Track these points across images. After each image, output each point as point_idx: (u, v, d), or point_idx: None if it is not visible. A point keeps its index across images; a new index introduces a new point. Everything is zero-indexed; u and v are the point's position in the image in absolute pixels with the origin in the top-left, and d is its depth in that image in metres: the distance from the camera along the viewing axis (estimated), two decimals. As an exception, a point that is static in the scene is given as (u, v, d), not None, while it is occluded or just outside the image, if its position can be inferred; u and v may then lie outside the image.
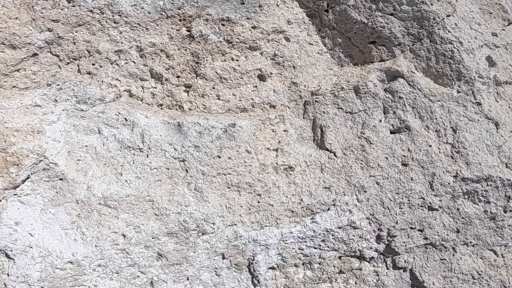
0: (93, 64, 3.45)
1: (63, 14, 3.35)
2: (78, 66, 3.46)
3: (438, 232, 3.65)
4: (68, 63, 3.43)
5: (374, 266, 3.69)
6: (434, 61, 3.68)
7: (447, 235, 3.67)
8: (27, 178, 3.03)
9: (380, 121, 3.69)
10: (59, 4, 3.34)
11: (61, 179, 3.08)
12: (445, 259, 3.72)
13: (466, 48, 3.64)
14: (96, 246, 3.01)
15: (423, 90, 3.68)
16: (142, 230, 3.11)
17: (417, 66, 3.76)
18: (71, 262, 2.97)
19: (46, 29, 3.35)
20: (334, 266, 3.61)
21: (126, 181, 3.13)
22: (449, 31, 3.63)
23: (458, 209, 3.66)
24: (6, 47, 3.28)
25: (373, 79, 3.69)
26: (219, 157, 3.30)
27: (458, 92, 3.67)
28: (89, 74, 3.43)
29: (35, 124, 3.10)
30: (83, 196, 3.07)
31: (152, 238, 3.12)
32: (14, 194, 2.97)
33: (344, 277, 3.65)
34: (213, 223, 3.22)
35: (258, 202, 3.40)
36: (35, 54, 3.39)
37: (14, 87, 3.32)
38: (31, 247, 2.91)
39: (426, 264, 3.72)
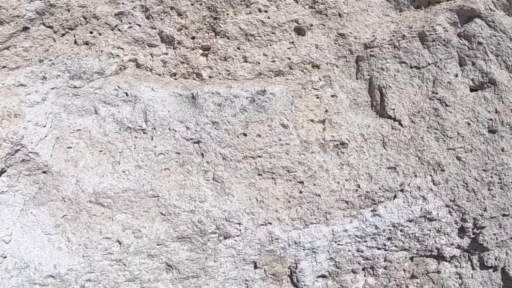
0: (91, 32, 2.45)
1: (50, -26, 2.32)
2: (74, 36, 2.47)
3: (541, 218, 2.28)
4: (63, 35, 2.44)
5: (456, 267, 2.53)
6: (522, -10, 2.31)
7: (556, 221, 2.27)
8: (2, 172, 2.03)
9: (456, 75, 2.48)
10: (43, -39, 2.32)
11: (44, 172, 2.09)
12: (550, 252, 2.33)
13: None
14: (83, 256, 1.97)
15: (508, 31, 2.45)
16: (144, 234, 2.01)
17: (496, 2, 2.50)
18: (52, 276, 1.97)
19: (34, -5, 2.35)
20: (404, 270, 2.37)
21: (124, 171, 2.05)
22: None
23: None
24: (-9, 22, 2.32)
25: (442, 22, 2.47)
26: (245, 135, 2.14)
27: None
28: (87, 44, 2.38)
29: (13, 107, 2.11)
30: (71, 193, 2.01)
31: (158, 244, 2.02)
32: (-15, 193, 1.98)
33: (417, 283, 2.41)
34: (239, 223, 2.06)
35: (300, 192, 2.19)
36: (25, 28, 2.49)
37: (4, 67, 2.41)
38: (5, 257, 1.98)
39: (523, 260, 2.36)
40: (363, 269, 2.41)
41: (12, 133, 2.13)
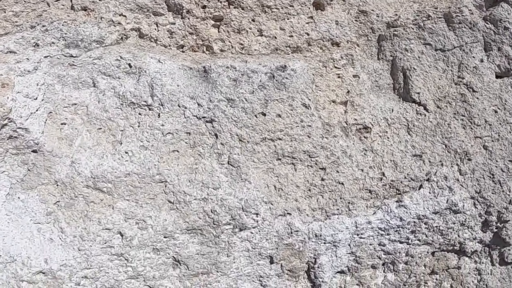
0: (89, -3, 1.96)
1: None
2: (71, 1, 2.02)
3: None
4: (57, -1, 1.96)
5: (475, 262, 2.28)
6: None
7: None
8: None
9: (482, 61, 2.19)
10: None
11: (34, 151, 1.66)
12: None
13: None
14: (79, 249, 1.56)
15: (536, 16, 2.17)
16: (149, 225, 1.62)
17: (522, -16, 2.24)
18: (43, 273, 1.56)
19: None
20: (424, 266, 2.05)
21: (126, 152, 1.64)
22: None
23: None
24: (-31, -23, 1.86)
25: (468, 3, 2.18)
26: (264, 114, 1.75)
27: None
28: (85, 10, 1.92)
29: (1, 75, 1.66)
30: (65, 176, 1.59)
31: (165, 237, 1.63)
32: (-37, 174, 1.56)
33: (436, 280, 2.09)
34: (257, 213, 1.69)
35: (322, 179, 1.83)
36: (14, -10, 1.96)
37: None
38: None
39: (544, 256, 2.08)
40: (383, 264, 2.08)
41: (-3, 105, 1.70)
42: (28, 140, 1.77)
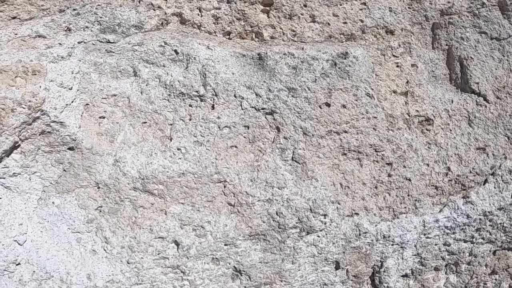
0: (124, -22, 1.55)
1: None
2: (102, -17, 1.55)
3: None
4: (87, -19, 1.54)
5: None
6: None
7: None
8: (15, 147, 1.16)
9: None
10: None
11: (71, 149, 1.22)
12: None
13: None
14: (128, 262, 1.13)
15: None
16: (208, 232, 1.22)
17: None
18: (89, 293, 1.10)
19: None
20: (486, 266, 1.66)
21: (179, 149, 1.23)
22: None
23: None
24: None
25: None
26: (329, 105, 1.37)
27: None
28: None
29: (31, 61, 1.22)
30: (108, 177, 1.16)
31: (226, 244, 1.24)
32: (-12, 176, 1.12)
33: (495, 280, 1.75)
34: (325, 214, 1.31)
35: (389, 175, 1.46)
36: (39, -30, 1.55)
37: (14, 18, 1.46)
38: (19, 264, 1.09)
39: None
40: (446, 266, 1.72)
41: (29, 95, 1.28)
42: (64, 135, 1.35)
